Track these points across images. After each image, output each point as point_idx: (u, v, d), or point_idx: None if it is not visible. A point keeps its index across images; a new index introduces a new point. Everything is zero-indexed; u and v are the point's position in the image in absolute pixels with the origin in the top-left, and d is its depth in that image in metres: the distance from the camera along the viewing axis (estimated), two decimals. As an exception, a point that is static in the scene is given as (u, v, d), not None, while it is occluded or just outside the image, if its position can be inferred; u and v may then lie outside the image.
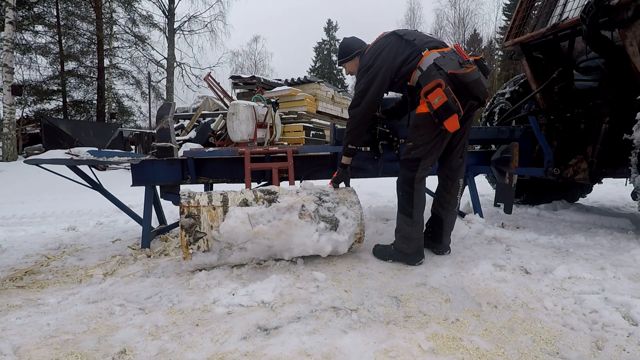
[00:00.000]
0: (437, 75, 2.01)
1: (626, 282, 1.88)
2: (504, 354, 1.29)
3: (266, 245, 2.01)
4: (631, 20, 2.52)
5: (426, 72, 2.06)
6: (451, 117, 1.95)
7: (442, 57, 2.06)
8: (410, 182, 2.12)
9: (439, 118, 1.97)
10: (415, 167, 2.11)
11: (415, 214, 2.12)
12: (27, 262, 2.35)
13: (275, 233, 1.98)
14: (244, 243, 2.00)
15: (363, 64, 2.22)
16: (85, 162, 2.47)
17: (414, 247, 2.14)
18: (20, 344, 1.36)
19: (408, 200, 2.13)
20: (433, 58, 2.06)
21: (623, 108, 2.96)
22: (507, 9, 26.09)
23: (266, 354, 1.29)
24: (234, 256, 2.02)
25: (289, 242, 2.02)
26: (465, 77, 1.99)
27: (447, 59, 2.05)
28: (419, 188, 2.13)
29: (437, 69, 2.03)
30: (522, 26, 3.53)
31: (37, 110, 15.89)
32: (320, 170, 2.83)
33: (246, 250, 2.01)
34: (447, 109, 1.94)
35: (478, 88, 2.01)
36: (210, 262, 2.01)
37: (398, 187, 2.19)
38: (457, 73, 1.99)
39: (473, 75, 2.00)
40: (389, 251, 2.22)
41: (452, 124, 1.96)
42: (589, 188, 4.30)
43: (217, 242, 1.99)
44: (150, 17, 17.20)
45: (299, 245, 2.02)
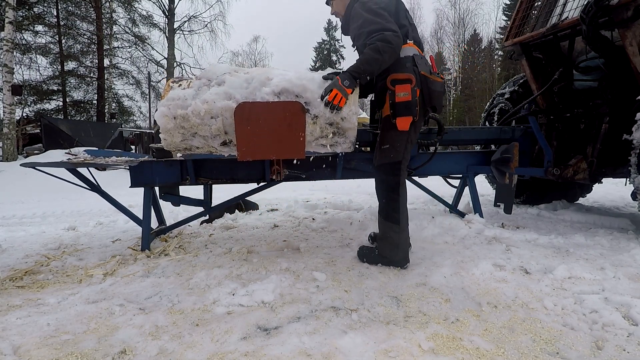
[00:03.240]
0: (411, 70, 1.96)
1: (626, 282, 1.88)
2: (504, 354, 1.29)
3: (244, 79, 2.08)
4: (631, 20, 2.52)
5: (402, 59, 1.98)
6: (406, 118, 1.94)
7: (419, 56, 2.03)
8: (395, 187, 2.04)
9: (395, 111, 1.94)
10: (397, 170, 2.04)
11: (402, 220, 2.04)
12: (27, 262, 2.35)
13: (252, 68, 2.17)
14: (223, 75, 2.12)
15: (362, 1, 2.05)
16: (82, 165, 2.46)
17: (401, 254, 2.06)
18: (20, 344, 1.36)
19: (394, 206, 2.04)
20: (413, 52, 2.01)
21: (623, 108, 2.96)
22: (507, 9, 26.10)
23: (266, 354, 1.29)
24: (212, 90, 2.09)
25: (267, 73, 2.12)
26: (434, 84, 2.00)
27: (422, 61, 2.03)
28: (404, 192, 2.07)
29: (413, 64, 1.98)
30: (522, 26, 3.54)
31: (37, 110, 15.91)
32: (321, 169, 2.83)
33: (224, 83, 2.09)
34: (407, 108, 1.93)
35: (438, 100, 2.04)
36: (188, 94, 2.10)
37: (381, 194, 2.09)
38: (428, 77, 1.98)
39: (440, 86, 2.03)
40: (374, 257, 2.14)
41: (403, 123, 1.95)
42: (589, 188, 4.30)
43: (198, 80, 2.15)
44: (150, 17, 17.20)
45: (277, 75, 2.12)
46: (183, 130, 2.16)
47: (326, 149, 2.45)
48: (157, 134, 2.69)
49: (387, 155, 2.04)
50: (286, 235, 2.89)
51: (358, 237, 2.77)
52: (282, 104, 2.01)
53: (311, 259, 2.26)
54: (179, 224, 2.86)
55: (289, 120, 2.02)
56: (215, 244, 2.66)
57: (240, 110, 1.98)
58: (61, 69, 15.86)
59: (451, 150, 4.65)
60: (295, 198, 4.83)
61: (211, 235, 2.92)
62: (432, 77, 1.99)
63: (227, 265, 2.17)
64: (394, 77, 1.95)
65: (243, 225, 3.26)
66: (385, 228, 2.07)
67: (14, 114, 10.07)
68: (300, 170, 2.74)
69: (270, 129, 2.02)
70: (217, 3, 18.64)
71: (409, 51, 2.01)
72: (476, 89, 25.96)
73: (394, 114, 1.96)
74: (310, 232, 2.98)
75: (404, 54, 2.00)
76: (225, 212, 3.70)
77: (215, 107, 2.05)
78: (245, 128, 2.01)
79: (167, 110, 2.10)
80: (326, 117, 2.09)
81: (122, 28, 17.06)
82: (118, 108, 17.93)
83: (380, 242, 2.11)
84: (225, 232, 3.06)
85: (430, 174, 3.26)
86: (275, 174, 2.51)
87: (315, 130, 2.22)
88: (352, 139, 2.34)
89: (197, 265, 2.19)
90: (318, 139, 2.27)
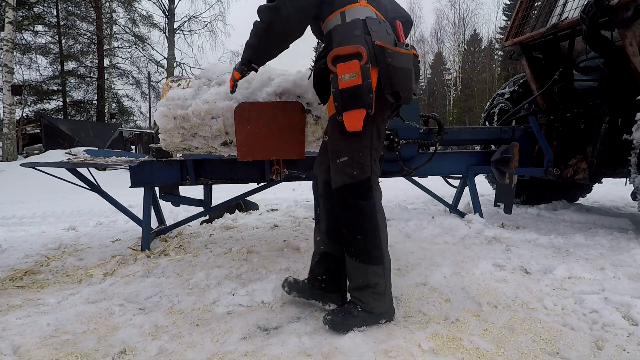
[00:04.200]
0: (360, 40, 1.34)
1: (626, 282, 1.88)
2: (504, 354, 1.29)
3: (245, 79, 2.06)
4: (631, 20, 2.52)
5: (348, 25, 1.39)
6: (355, 112, 1.31)
7: (376, 20, 1.41)
8: (371, 214, 1.41)
9: (339, 104, 1.33)
10: (368, 190, 1.42)
11: (385, 258, 1.45)
12: (27, 262, 2.34)
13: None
14: (223, 75, 2.12)
15: None
16: (82, 165, 2.46)
17: (388, 302, 1.46)
18: (20, 344, 1.36)
19: (374, 241, 1.42)
20: (366, 14, 1.41)
21: (623, 108, 2.96)
22: (507, 9, 26.10)
23: (266, 354, 1.29)
24: (213, 90, 2.09)
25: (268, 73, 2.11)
26: (395, 57, 1.34)
27: (381, 26, 1.40)
28: (382, 218, 1.47)
29: (364, 31, 1.36)
30: (522, 26, 3.54)
31: (37, 110, 15.91)
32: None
33: (225, 82, 2.10)
34: (355, 96, 1.30)
35: (405, 83, 1.37)
36: (187, 94, 2.11)
37: (353, 228, 1.42)
38: (387, 47, 1.34)
39: (406, 61, 1.37)
40: (356, 318, 1.41)
41: (352, 121, 1.33)
42: (589, 188, 4.30)
43: (198, 79, 2.13)
44: (150, 17, 17.19)
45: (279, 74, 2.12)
46: (183, 130, 2.17)
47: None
48: (157, 134, 2.69)
49: (348, 173, 1.40)
50: (286, 235, 2.89)
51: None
52: (282, 104, 2.01)
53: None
54: (179, 224, 2.86)
55: (290, 121, 2.01)
56: (215, 244, 2.66)
57: (240, 110, 1.98)
58: (61, 69, 15.85)
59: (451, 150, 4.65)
60: (295, 198, 4.82)
61: (211, 235, 2.92)
62: (394, 48, 1.35)
63: (227, 265, 2.17)
64: (335, 54, 1.33)
65: (243, 225, 3.26)
66: (368, 274, 1.42)
67: (14, 114, 10.08)
68: (300, 170, 2.74)
69: (271, 129, 2.02)
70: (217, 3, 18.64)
71: (358, 13, 1.40)
72: (476, 89, 25.95)
73: (338, 110, 1.34)
74: (310, 232, 2.98)
75: (352, 17, 1.40)
76: (225, 212, 3.70)
77: (216, 108, 2.04)
78: (245, 128, 2.01)
79: (167, 110, 2.10)
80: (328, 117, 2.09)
81: (122, 28, 17.07)
82: (118, 108, 17.93)
83: (360, 294, 1.44)
84: (225, 232, 3.06)
85: (430, 174, 3.26)
86: (275, 174, 2.51)
87: (317, 131, 2.23)
88: None
89: (197, 265, 2.19)
90: (319, 140, 2.27)
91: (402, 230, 2.89)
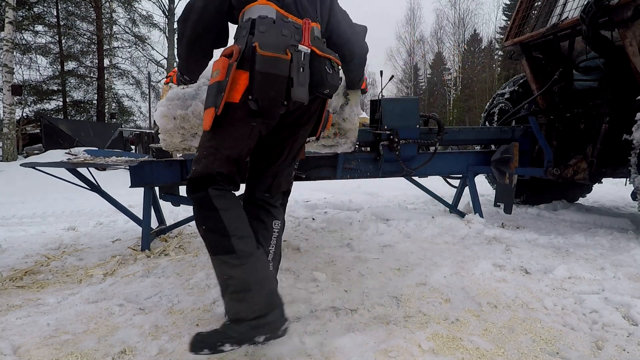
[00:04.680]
0: (242, 41, 1.28)
1: (626, 282, 1.88)
2: (504, 354, 1.29)
3: None
4: (631, 20, 2.52)
5: (241, 26, 1.34)
6: (208, 110, 1.27)
7: (270, 19, 1.27)
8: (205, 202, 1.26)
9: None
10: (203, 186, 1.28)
11: (239, 245, 1.22)
12: (27, 262, 2.34)
13: None
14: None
15: None
16: (82, 165, 2.46)
17: (259, 301, 1.17)
18: (20, 344, 1.36)
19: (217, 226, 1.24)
20: (259, 12, 1.29)
21: (623, 108, 2.96)
22: (507, 9, 26.09)
23: (266, 354, 1.29)
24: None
25: None
26: (262, 61, 1.19)
27: (275, 26, 1.26)
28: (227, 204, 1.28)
29: (249, 31, 1.27)
30: (522, 26, 3.54)
31: (37, 110, 15.89)
32: (321, 169, 2.83)
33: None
34: (211, 94, 1.27)
35: (265, 90, 1.22)
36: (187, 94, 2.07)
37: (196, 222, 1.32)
38: (258, 51, 1.20)
39: (274, 66, 1.20)
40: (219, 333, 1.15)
41: (205, 119, 1.28)
42: (589, 188, 4.30)
43: (201, 78, 2.01)
44: (150, 17, 17.19)
45: None
46: (183, 130, 2.17)
47: (327, 150, 2.45)
48: (157, 134, 2.69)
49: (192, 168, 1.32)
50: (286, 235, 2.89)
51: (358, 237, 2.77)
52: None
53: (311, 259, 2.26)
54: (179, 224, 2.86)
55: None
56: (215, 244, 2.65)
57: None
58: (61, 69, 15.84)
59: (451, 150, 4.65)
60: (295, 198, 4.82)
61: (211, 235, 2.92)
62: (264, 52, 1.20)
63: (227, 265, 2.17)
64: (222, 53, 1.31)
65: (243, 225, 3.25)
66: (218, 267, 1.24)
67: (14, 114, 10.07)
68: (300, 170, 2.74)
69: None
70: (217, 3, 18.61)
71: (252, 12, 1.30)
72: (476, 89, 25.94)
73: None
74: (310, 232, 2.98)
75: (246, 17, 1.32)
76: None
77: None
78: None
79: (167, 110, 2.10)
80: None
81: (122, 28, 17.05)
82: (118, 108, 17.92)
83: (224, 301, 1.23)
84: (225, 232, 3.05)
85: (430, 174, 3.26)
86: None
87: None
88: (353, 139, 2.35)
89: (197, 265, 2.19)
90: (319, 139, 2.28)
91: (402, 230, 2.89)
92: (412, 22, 29.12)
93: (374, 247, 2.52)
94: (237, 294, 1.18)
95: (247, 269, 1.19)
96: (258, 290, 1.17)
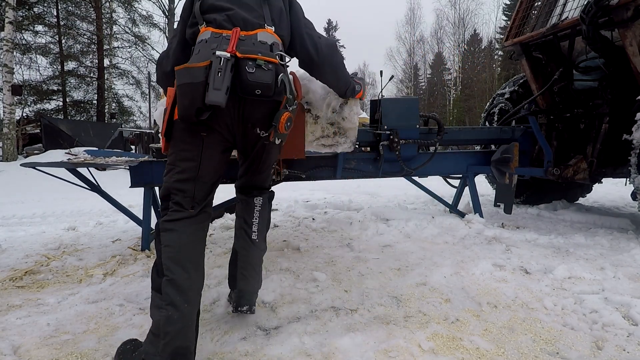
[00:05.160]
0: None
1: (626, 282, 1.88)
2: (504, 354, 1.29)
3: None
4: (631, 20, 2.52)
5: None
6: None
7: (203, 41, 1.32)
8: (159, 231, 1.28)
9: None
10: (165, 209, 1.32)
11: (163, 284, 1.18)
12: (27, 262, 2.34)
13: None
14: None
15: None
16: (82, 165, 2.46)
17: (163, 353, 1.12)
18: (20, 344, 1.36)
19: (159, 259, 1.24)
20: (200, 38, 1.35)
21: (623, 108, 2.96)
22: (507, 9, 26.10)
23: (266, 354, 1.29)
24: None
25: None
26: (179, 75, 1.23)
27: (206, 44, 1.30)
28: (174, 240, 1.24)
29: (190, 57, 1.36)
30: (522, 26, 3.53)
31: (37, 110, 15.87)
32: (321, 169, 2.83)
33: None
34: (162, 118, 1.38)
35: (182, 99, 1.22)
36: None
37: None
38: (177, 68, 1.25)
39: (188, 76, 1.21)
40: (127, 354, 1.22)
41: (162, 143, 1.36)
42: (589, 188, 4.30)
43: None
44: (150, 17, 17.17)
45: None
46: None
47: (326, 149, 2.45)
48: (157, 134, 2.69)
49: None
50: (286, 235, 2.89)
51: (358, 237, 2.77)
52: None
53: (311, 259, 2.26)
54: (179, 224, 2.85)
55: None
56: (215, 244, 2.66)
57: None
58: (61, 69, 15.83)
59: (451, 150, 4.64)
60: (295, 198, 4.82)
61: (211, 235, 2.92)
62: (181, 66, 1.24)
63: (227, 265, 2.16)
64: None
65: (243, 225, 3.25)
66: (152, 299, 1.22)
67: (14, 114, 10.07)
68: (300, 170, 2.74)
69: None
70: (217, 3, 18.61)
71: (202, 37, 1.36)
72: (476, 89, 25.94)
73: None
74: (310, 232, 2.98)
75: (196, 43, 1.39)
76: (225, 212, 3.70)
77: None
78: None
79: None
80: (327, 117, 2.08)
81: (122, 28, 17.03)
82: (118, 108, 17.91)
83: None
84: (225, 232, 3.05)
85: (430, 174, 3.26)
86: (275, 174, 2.51)
87: (316, 130, 2.23)
88: (353, 138, 2.35)
89: (197, 265, 2.19)
90: (319, 139, 2.27)
91: (402, 230, 2.89)
92: (412, 22, 29.16)
93: (374, 247, 2.52)
94: (152, 334, 1.16)
95: (165, 316, 1.14)
96: (167, 342, 1.12)
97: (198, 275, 1.25)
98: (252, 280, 1.48)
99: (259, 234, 1.51)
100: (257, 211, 1.51)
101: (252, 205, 1.52)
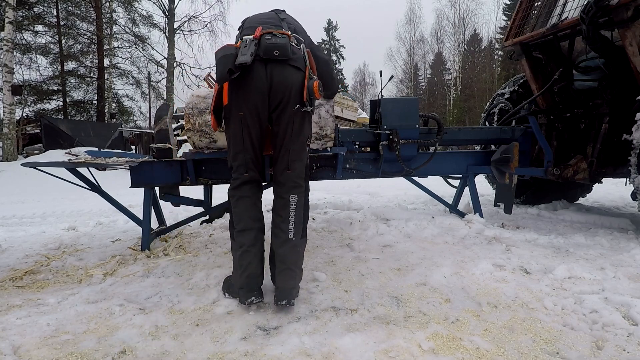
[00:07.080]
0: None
1: (626, 282, 1.88)
2: (504, 354, 1.29)
3: None
4: (631, 20, 2.52)
5: None
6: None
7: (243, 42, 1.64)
8: (230, 194, 1.73)
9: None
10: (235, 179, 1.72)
11: (235, 234, 1.68)
12: (27, 262, 2.34)
13: None
14: None
15: None
16: (83, 165, 2.46)
17: (239, 278, 1.63)
18: (20, 344, 1.36)
19: (230, 215, 1.75)
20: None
21: (623, 108, 2.96)
22: (507, 9, 26.09)
23: (266, 354, 1.29)
24: None
25: None
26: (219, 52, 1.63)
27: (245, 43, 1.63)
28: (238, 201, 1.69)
29: None
30: (522, 26, 3.53)
31: (37, 110, 15.87)
32: (321, 169, 2.83)
33: None
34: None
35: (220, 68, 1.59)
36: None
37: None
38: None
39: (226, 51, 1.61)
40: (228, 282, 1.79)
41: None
42: (589, 188, 4.30)
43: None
44: (150, 17, 17.15)
45: None
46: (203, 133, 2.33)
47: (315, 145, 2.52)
48: (157, 134, 2.69)
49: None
50: (286, 235, 2.89)
51: (358, 237, 2.77)
52: None
53: (311, 259, 2.26)
54: (179, 224, 2.86)
55: None
56: (215, 244, 2.66)
57: None
58: (61, 69, 15.82)
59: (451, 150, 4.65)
60: (295, 198, 4.82)
61: (211, 235, 2.92)
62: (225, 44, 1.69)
63: (227, 265, 2.17)
64: None
65: (243, 225, 3.25)
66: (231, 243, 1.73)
67: (14, 114, 10.06)
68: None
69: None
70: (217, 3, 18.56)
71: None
72: (476, 89, 25.93)
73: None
74: (310, 232, 2.98)
75: None
76: (225, 212, 3.69)
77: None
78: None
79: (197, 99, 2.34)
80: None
81: (122, 28, 17.01)
82: (118, 108, 17.90)
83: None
84: (225, 232, 3.05)
85: (430, 174, 3.26)
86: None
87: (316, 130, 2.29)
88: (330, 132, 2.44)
89: (197, 265, 2.19)
90: (319, 139, 2.30)
91: (402, 230, 2.89)
92: (412, 22, 29.14)
93: (374, 247, 2.52)
94: (234, 267, 1.67)
95: (238, 255, 1.64)
96: (241, 272, 1.62)
97: (258, 224, 1.68)
98: (288, 277, 1.62)
99: (295, 232, 1.65)
100: (293, 209, 1.66)
101: (287, 203, 1.66)
